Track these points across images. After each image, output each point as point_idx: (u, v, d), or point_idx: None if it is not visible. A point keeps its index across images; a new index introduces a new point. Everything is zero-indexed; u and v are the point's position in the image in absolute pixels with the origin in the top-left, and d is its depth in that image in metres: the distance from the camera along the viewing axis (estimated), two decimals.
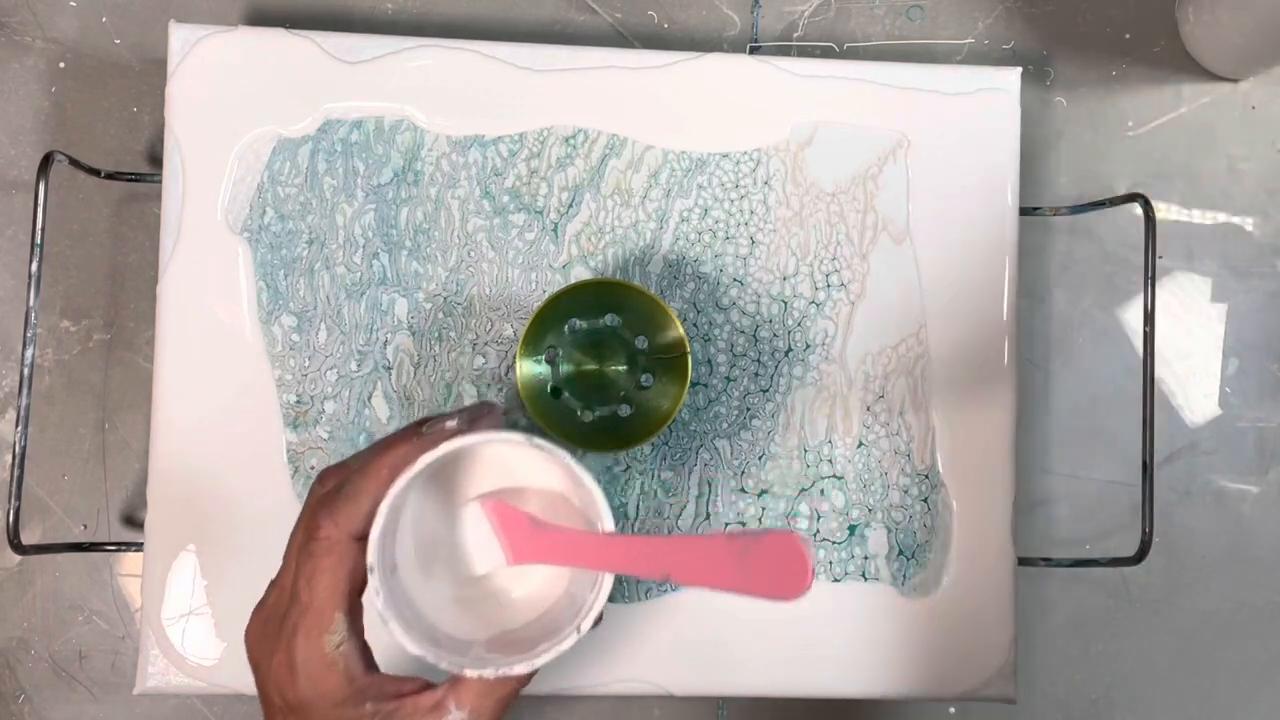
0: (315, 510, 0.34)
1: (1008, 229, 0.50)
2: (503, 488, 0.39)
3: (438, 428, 0.35)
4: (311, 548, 0.34)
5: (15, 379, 0.51)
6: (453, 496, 0.39)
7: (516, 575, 0.39)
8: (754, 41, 0.54)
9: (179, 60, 0.47)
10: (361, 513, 0.34)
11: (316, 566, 0.34)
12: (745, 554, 0.32)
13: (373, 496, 0.34)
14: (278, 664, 0.34)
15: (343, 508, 0.34)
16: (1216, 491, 0.54)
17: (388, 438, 0.36)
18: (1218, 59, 0.54)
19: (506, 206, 0.48)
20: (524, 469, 0.38)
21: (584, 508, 0.37)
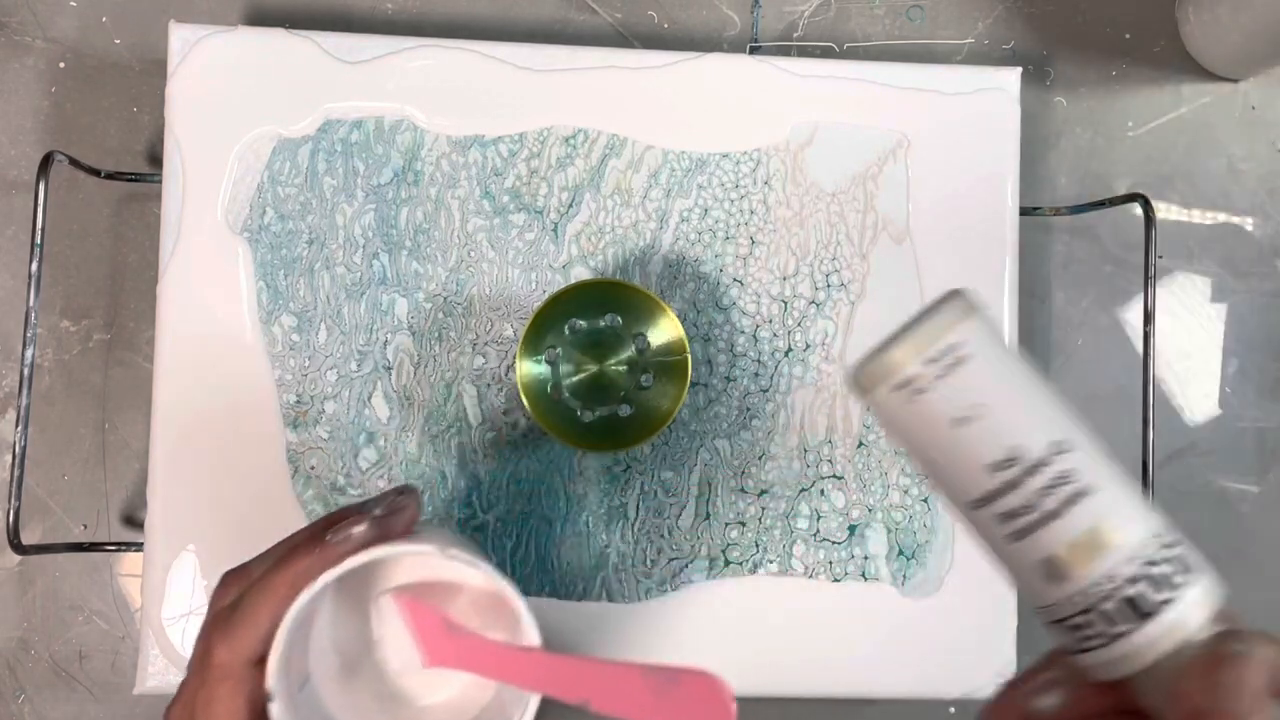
0: (210, 632, 0.32)
1: (1008, 229, 0.50)
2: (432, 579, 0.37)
3: (344, 534, 0.32)
4: (205, 675, 0.31)
5: (15, 379, 0.51)
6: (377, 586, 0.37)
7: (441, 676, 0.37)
8: (754, 41, 0.54)
9: (179, 60, 0.47)
10: (258, 636, 0.31)
11: (212, 694, 0.31)
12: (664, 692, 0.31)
13: (270, 617, 0.31)
14: None
15: (236, 631, 0.31)
16: (1216, 491, 0.54)
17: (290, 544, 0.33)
18: (1218, 59, 0.54)
19: (506, 206, 0.48)
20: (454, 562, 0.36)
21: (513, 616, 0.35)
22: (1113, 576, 0.26)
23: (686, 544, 0.48)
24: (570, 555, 0.48)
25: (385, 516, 0.33)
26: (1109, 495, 0.27)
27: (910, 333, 0.28)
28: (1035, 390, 0.28)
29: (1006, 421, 0.27)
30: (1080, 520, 0.27)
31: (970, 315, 0.28)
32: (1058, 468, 0.27)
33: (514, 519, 0.48)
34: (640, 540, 0.48)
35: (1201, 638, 0.26)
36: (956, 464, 0.28)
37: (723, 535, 0.48)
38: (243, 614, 0.31)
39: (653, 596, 0.48)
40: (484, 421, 0.48)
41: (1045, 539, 0.27)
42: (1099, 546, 0.27)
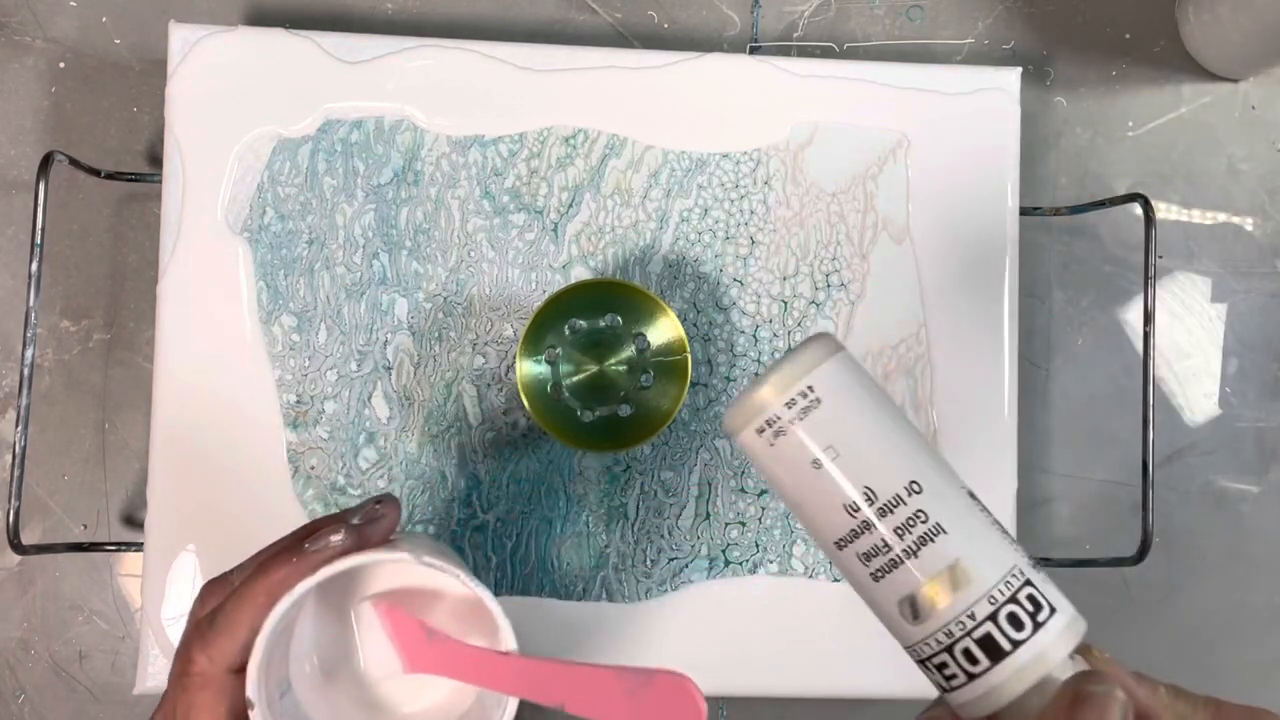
0: (189, 641, 0.32)
1: (1008, 229, 0.50)
2: (412, 586, 0.37)
3: (322, 543, 0.32)
4: (185, 683, 0.31)
5: (15, 379, 0.51)
6: (357, 592, 0.37)
7: (422, 682, 0.37)
8: (754, 41, 0.54)
9: (179, 60, 0.47)
10: (237, 645, 0.31)
11: (192, 703, 0.31)
12: (635, 692, 0.31)
13: (249, 626, 0.31)
14: None
15: (215, 640, 0.31)
16: (1216, 491, 0.54)
17: (268, 553, 0.33)
18: (1218, 59, 0.54)
19: (506, 206, 0.48)
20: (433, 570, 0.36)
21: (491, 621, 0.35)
22: (972, 614, 0.27)
23: (686, 544, 0.48)
24: (570, 555, 0.48)
25: (363, 525, 0.33)
26: (964, 534, 0.28)
27: (771, 375, 0.29)
28: (891, 431, 0.28)
29: (860, 462, 0.28)
30: (935, 559, 0.27)
31: (829, 358, 0.29)
32: (912, 508, 0.27)
33: (514, 519, 0.48)
34: (640, 540, 0.48)
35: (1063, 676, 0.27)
36: (817, 504, 0.28)
37: (723, 535, 0.48)
38: (221, 623, 0.32)
39: (653, 596, 0.48)
40: (484, 421, 0.48)
41: (903, 578, 0.28)
42: (954, 585, 0.27)
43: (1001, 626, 0.27)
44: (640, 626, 0.48)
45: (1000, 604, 0.27)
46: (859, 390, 0.29)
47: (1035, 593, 0.28)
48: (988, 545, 0.28)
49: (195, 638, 0.32)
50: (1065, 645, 0.27)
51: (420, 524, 0.47)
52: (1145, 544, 0.48)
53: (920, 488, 0.28)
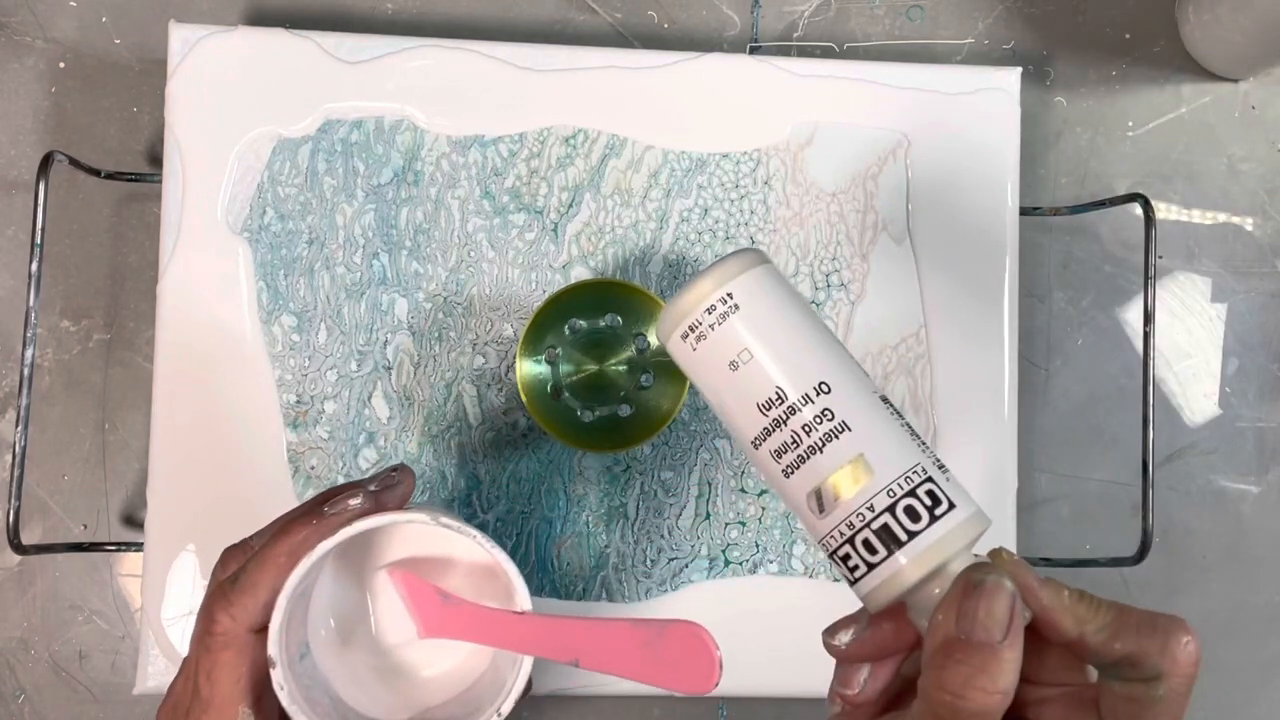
0: (212, 602, 0.33)
1: (1008, 229, 0.50)
2: (426, 555, 0.37)
3: (341, 506, 0.33)
4: (208, 642, 0.32)
5: (15, 379, 0.51)
6: (373, 561, 0.37)
7: (437, 648, 0.37)
8: (754, 41, 0.54)
9: (179, 60, 0.47)
10: (259, 604, 0.32)
11: (215, 661, 0.32)
12: (651, 644, 0.31)
13: (270, 586, 0.32)
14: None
15: (238, 600, 0.32)
16: (1216, 491, 0.54)
17: (288, 516, 0.34)
18: (1218, 59, 0.54)
19: (506, 206, 0.48)
20: (447, 537, 0.37)
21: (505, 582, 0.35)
22: (871, 506, 0.28)
23: (686, 544, 0.48)
24: (570, 555, 0.48)
25: (380, 490, 0.34)
26: (868, 432, 0.29)
27: (695, 282, 0.30)
28: (805, 336, 0.30)
29: (772, 364, 0.30)
30: (839, 454, 0.29)
31: (751, 268, 0.30)
32: (819, 406, 0.29)
33: (514, 519, 0.48)
34: (640, 540, 0.48)
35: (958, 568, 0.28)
36: (735, 405, 0.30)
37: (723, 535, 0.48)
38: (244, 583, 0.32)
39: (653, 596, 0.48)
40: (484, 421, 0.48)
41: (810, 473, 0.29)
42: (856, 479, 0.29)
43: (899, 518, 0.28)
44: None
45: (899, 497, 0.28)
46: (775, 298, 0.30)
47: (935, 489, 0.29)
48: (891, 444, 0.29)
49: (218, 598, 0.32)
50: (962, 538, 0.28)
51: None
52: (1145, 544, 0.48)
53: (829, 388, 0.29)
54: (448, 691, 0.37)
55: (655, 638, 0.32)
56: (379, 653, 0.37)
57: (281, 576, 0.32)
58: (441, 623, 0.35)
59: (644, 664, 0.32)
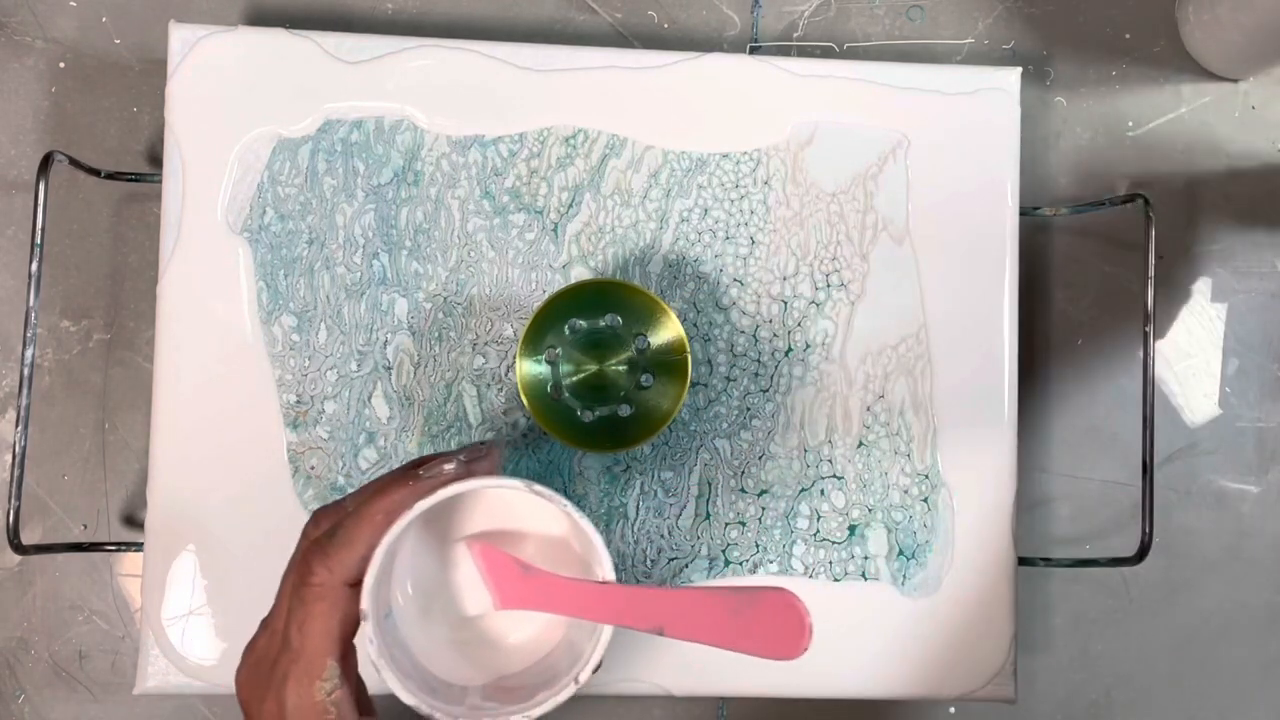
0: (308, 555, 0.34)
1: (1008, 229, 0.50)
2: (499, 529, 0.38)
3: (435, 470, 0.35)
4: (304, 593, 0.33)
5: (15, 379, 0.51)
6: (450, 535, 0.38)
7: (514, 618, 0.38)
8: (754, 41, 0.54)
9: (179, 60, 0.47)
10: (355, 558, 0.33)
11: (309, 612, 0.33)
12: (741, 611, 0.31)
13: (367, 542, 0.33)
14: (268, 711, 0.33)
15: (335, 553, 0.33)
16: (1216, 491, 0.54)
17: (383, 479, 0.35)
18: (1218, 59, 0.54)
19: (506, 206, 0.48)
20: (524, 511, 0.38)
21: (584, 553, 0.36)
22: None
23: (686, 544, 0.48)
24: None
25: (471, 460, 0.35)
26: None
27: None
28: None
29: None
30: None
31: None
32: None
33: None
34: (640, 540, 0.48)
35: None
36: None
37: (723, 535, 0.48)
38: (341, 537, 0.33)
39: None
40: (484, 421, 0.48)
41: None
42: None
43: None
44: None
45: None
46: None
47: None
48: None
49: (314, 551, 0.33)
50: None
51: None
52: (1145, 544, 0.48)
53: None
54: (523, 660, 0.38)
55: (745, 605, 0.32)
56: (455, 621, 0.38)
57: (378, 534, 0.33)
58: (521, 594, 0.36)
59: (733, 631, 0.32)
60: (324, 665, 0.33)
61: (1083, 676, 0.53)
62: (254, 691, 0.34)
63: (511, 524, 0.38)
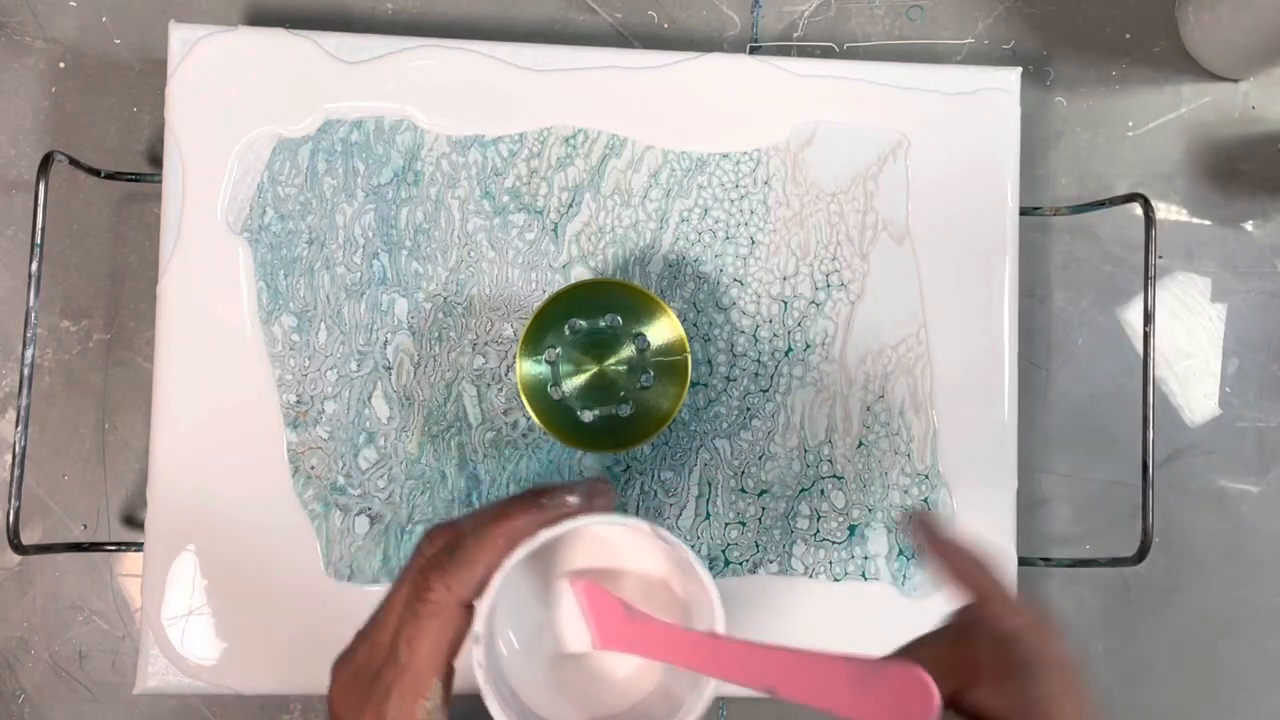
0: (426, 571, 0.33)
1: (1008, 229, 0.50)
2: (599, 567, 0.37)
3: (558, 501, 0.34)
4: (419, 608, 0.33)
5: (15, 379, 0.51)
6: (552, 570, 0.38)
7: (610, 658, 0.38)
8: (754, 41, 0.54)
9: (179, 60, 0.47)
10: (475, 579, 0.33)
11: (421, 629, 0.33)
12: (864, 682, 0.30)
13: (486, 564, 0.33)
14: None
15: (455, 571, 0.33)
16: (1216, 491, 0.54)
17: (504, 504, 0.35)
18: (1218, 59, 0.54)
19: (506, 206, 0.48)
20: (625, 549, 0.37)
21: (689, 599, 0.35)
22: None
23: (686, 544, 0.48)
24: None
25: (592, 495, 0.35)
26: None
27: None
28: None
29: None
30: None
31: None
32: None
33: None
34: None
35: None
36: None
37: (723, 535, 0.48)
38: (460, 559, 0.33)
39: None
40: (484, 421, 0.48)
41: None
42: None
43: None
44: None
45: None
46: None
47: None
48: None
49: (434, 567, 0.33)
50: None
51: (420, 524, 0.47)
52: (1145, 544, 0.48)
53: None
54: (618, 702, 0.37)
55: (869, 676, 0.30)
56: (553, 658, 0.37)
57: (498, 556, 0.33)
58: (624, 636, 0.35)
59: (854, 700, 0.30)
60: (430, 683, 0.33)
61: None
62: (350, 702, 0.34)
63: (610, 561, 0.38)
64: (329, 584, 0.47)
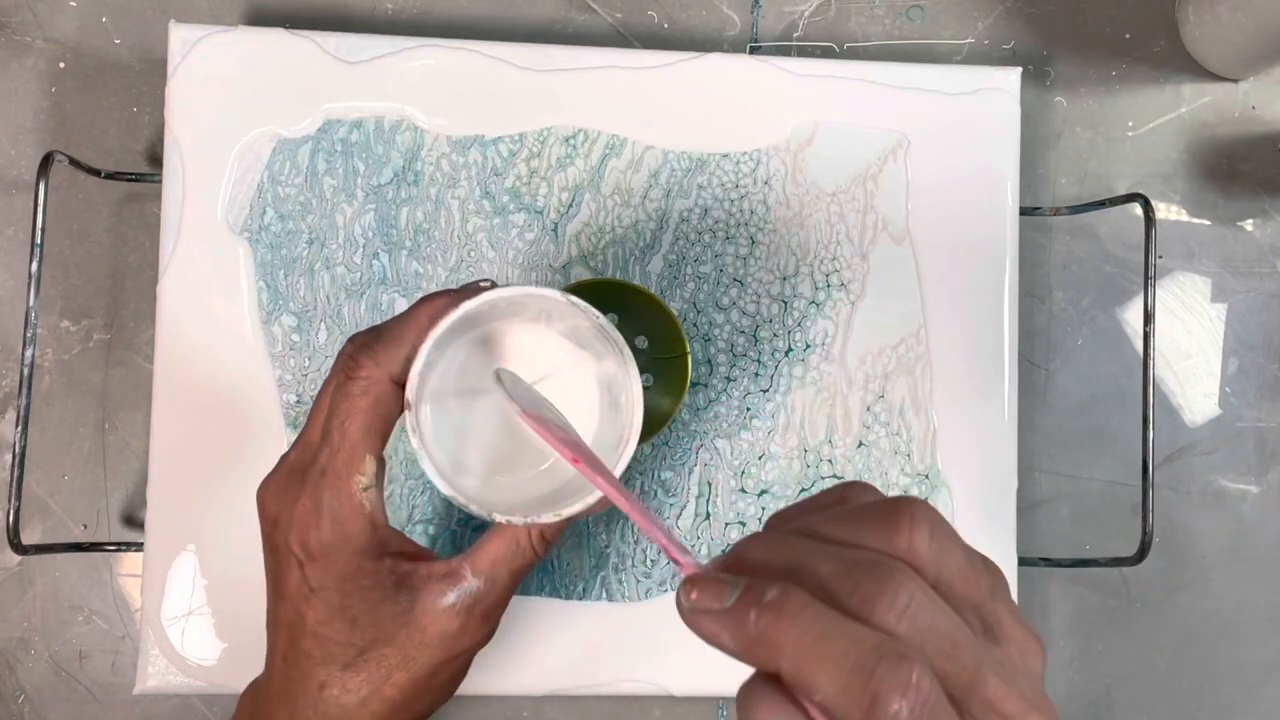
0: (354, 354, 0.34)
1: (1008, 229, 0.50)
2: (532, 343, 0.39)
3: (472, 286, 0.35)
4: (349, 387, 0.34)
5: (15, 379, 0.51)
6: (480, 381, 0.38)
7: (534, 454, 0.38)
8: (754, 41, 0.54)
9: (179, 60, 0.47)
10: (402, 355, 0.34)
11: (353, 405, 0.33)
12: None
13: (411, 341, 0.34)
14: (302, 509, 0.34)
15: (382, 350, 0.34)
16: (1216, 491, 0.54)
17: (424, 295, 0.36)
18: (1218, 59, 0.54)
19: (506, 206, 0.48)
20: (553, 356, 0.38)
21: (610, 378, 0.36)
22: None
23: (687, 544, 0.48)
24: (570, 555, 0.48)
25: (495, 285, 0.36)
26: None
27: None
28: None
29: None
30: None
31: None
32: None
33: None
34: (640, 540, 0.48)
35: None
36: None
37: (723, 535, 0.48)
38: (387, 336, 0.34)
39: (653, 596, 0.48)
40: None
41: None
42: None
43: None
44: (640, 626, 0.48)
45: None
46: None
47: None
48: None
49: (360, 349, 0.34)
50: None
51: (420, 524, 0.47)
52: (1145, 544, 0.48)
53: None
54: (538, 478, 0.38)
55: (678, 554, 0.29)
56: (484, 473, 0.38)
57: (422, 334, 0.34)
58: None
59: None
60: (363, 459, 0.33)
61: (1083, 676, 0.53)
62: (285, 495, 0.34)
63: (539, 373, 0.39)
64: None
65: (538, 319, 0.38)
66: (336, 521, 0.33)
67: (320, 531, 0.33)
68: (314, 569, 0.34)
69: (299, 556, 0.34)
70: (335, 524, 0.33)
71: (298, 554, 0.34)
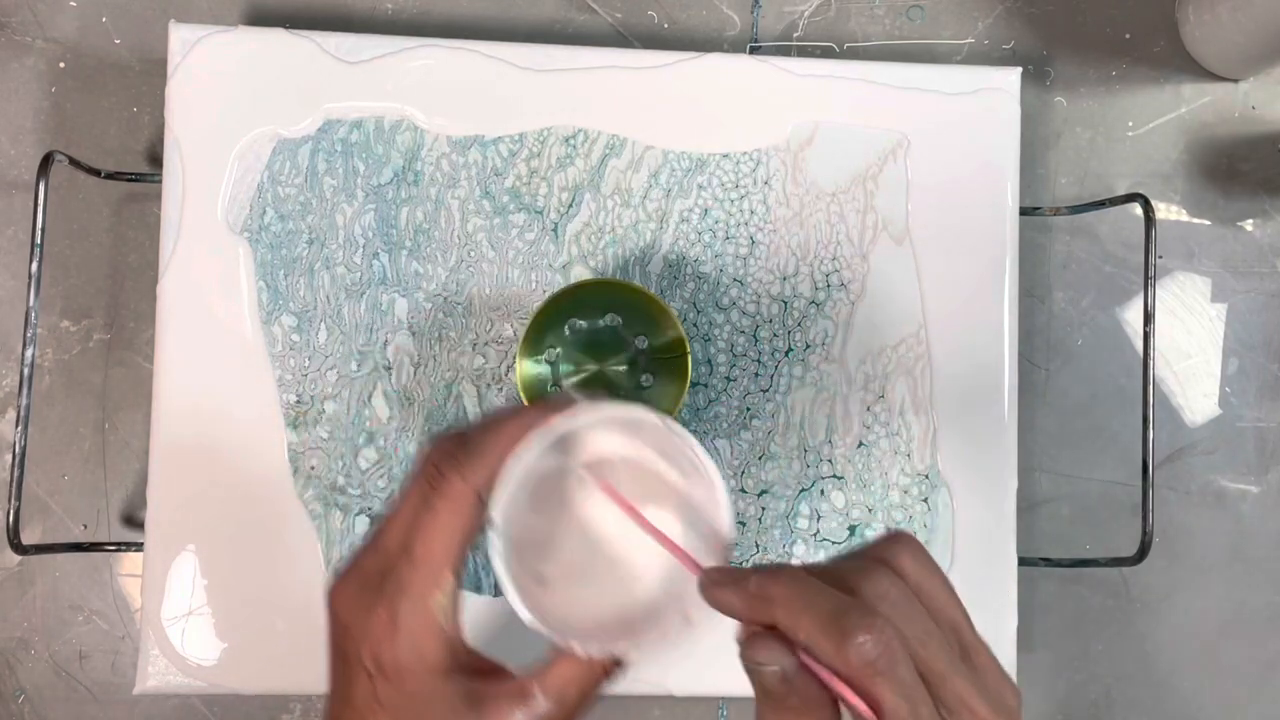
0: (439, 463, 0.33)
1: (1008, 229, 0.50)
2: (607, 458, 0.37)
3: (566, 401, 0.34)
4: (433, 499, 0.32)
5: (15, 379, 0.51)
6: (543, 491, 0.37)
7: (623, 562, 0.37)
8: (754, 41, 0.54)
9: (179, 60, 0.47)
10: (488, 470, 0.33)
11: (436, 520, 0.32)
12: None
13: (500, 456, 0.32)
14: (378, 621, 0.32)
15: (468, 463, 0.32)
16: (1216, 491, 0.54)
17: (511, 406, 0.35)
18: (1218, 59, 0.54)
19: (506, 206, 0.48)
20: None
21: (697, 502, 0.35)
22: None
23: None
24: None
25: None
26: None
27: None
28: None
29: None
30: None
31: None
32: None
33: None
34: None
35: None
36: None
37: None
38: (475, 449, 0.33)
39: None
40: None
41: None
42: None
43: None
44: None
45: None
46: None
47: None
48: None
49: (446, 459, 0.33)
50: None
51: None
52: (1145, 544, 0.48)
53: None
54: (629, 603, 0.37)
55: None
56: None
57: (510, 448, 0.32)
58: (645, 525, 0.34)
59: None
60: (445, 576, 0.32)
61: (1083, 676, 0.53)
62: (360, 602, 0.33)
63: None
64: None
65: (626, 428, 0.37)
66: (413, 640, 0.32)
67: (395, 649, 0.32)
68: (385, 685, 0.32)
69: (369, 669, 0.32)
70: (411, 643, 0.32)
71: (369, 667, 0.32)
